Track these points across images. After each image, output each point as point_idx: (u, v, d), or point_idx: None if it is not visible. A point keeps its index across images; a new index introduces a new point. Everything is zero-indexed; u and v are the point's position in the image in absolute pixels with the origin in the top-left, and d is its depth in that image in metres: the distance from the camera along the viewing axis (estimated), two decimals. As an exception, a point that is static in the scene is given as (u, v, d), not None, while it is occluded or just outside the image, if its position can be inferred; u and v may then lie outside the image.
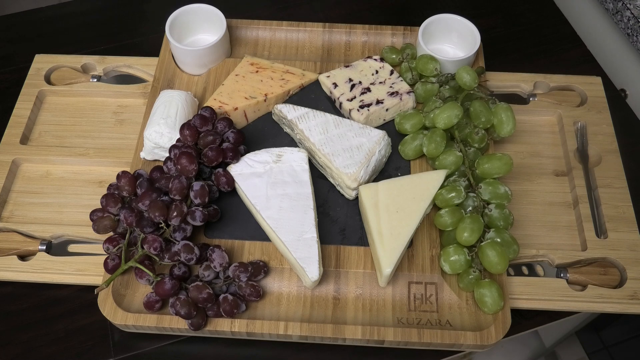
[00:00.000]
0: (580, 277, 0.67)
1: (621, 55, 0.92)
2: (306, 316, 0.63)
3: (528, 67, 0.84)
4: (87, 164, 0.75)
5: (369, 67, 0.77)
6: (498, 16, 0.94)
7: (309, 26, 0.84)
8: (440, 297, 0.64)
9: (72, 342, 0.65)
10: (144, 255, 0.62)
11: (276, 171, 0.67)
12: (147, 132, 0.69)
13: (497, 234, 0.64)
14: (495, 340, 0.60)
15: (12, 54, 0.88)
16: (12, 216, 0.71)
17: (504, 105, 0.69)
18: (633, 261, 0.67)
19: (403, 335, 0.60)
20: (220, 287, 0.62)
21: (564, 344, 1.36)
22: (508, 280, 0.65)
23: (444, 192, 0.65)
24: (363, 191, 0.65)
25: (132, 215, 0.62)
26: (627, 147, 0.77)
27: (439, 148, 0.68)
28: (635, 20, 0.83)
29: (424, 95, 0.76)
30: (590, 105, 0.79)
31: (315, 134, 0.70)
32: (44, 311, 0.67)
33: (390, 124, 0.76)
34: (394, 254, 0.61)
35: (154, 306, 0.61)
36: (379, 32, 0.84)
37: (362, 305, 0.64)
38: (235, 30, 0.84)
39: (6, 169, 0.73)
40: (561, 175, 0.75)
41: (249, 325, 0.61)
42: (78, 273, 0.66)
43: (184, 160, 0.63)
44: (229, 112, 0.73)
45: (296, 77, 0.78)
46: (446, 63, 0.76)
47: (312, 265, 0.61)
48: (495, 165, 0.66)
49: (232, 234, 0.67)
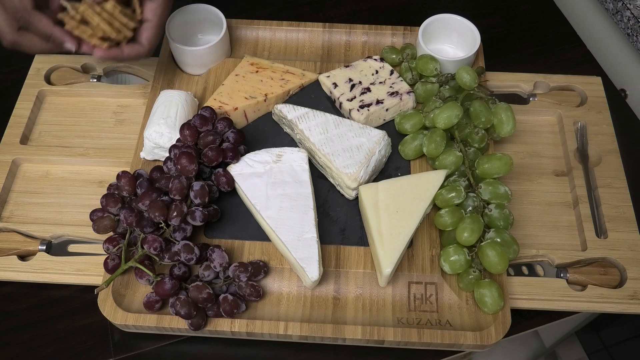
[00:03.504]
0: (580, 277, 0.67)
1: (621, 55, 0.92)
2: (306, 316, 0.63)
3: (528, 67, 0.84)
4: (87, 164, 0.75)
5: (369, 67, 0.77)
6: (498, 16, 0.94)
7: (309, 26, 0.84)
8: (440, 297, 0.64)
9: (72, 342, 0.65)
10: (144, 255, 0.62)
11: (276, 171, 0.67)
12: (147, 132, 0.69)
13: (497, 234, 0.64)
14: (495, 340, 0.60)
15: (12, 54, 0.87)
16: (12, 216, 0.71)
17: (504, 105, 0.69)
18: (633, 261, 0.67)
19: (403, 335, 0.61)
20: (220, 287, 0.62)
21: (564, 344, 1.36)
22: (508, 280, 0.65)
23: (444, 192, 0.65)
24: (363, 191, 0.65)
25: (132, 215, 0.62)
26: (627, 147, 0.77)
27: (439, 148, 0.68)
28: (635, 20, 0.83)
29: (424, 95, 0.76)
30: (590, 105, 0.79)
31: (315, 134, 0.70)
32: (44, 311, 0.67)
33: (390, 124, 0.76)
34: (394, 254, 0.61)
35: (154, 306, 0.61)
36: (379, 32, 0.84)
37: (362, 305, 0.64)
38: (235, 30, 0.84)
39: (6, 169, 0.73)
40: (561, 175, 0.75)
41: (249, 325, 0.61)
42: (78, 273, 0.66)
43: (184, 160, 0.63)
44: (229, 112, 0.73)
45: (296, 77, 0.78)
46: (446, 63, 0.76)
47: (312, 265, 0.61)
48: (495, 165, 0.66)
49: (232, 234, 0.67)
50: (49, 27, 0.59)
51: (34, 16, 0.58)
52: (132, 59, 0.65)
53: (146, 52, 0.66)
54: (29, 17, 0.58)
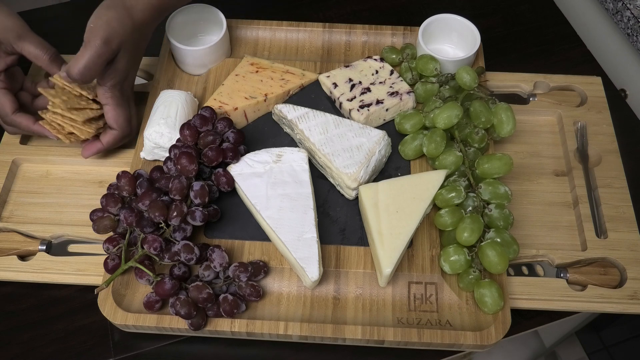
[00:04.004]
0: (580, 277, 0.67)
1: (621, 55, 0.92)
2: (306, 316, 0.63)
3: (528, 67, 0.84)
4: (87, 164, 0.75)
5: (369, 67, 0.77)
6: (498, 16, 0.94)
7: (309, 26, 0.84)
8: (440, 297, 0.64)
9: (72, 342, 0.65)
10: (144, 255, 0.62)
11: (276, 171, 0.67)
12: (147, 132, 0.69)
13: (497, 234, 0.64)
14: (495, 340, 0.60)
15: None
16: (12, 216, 0.71)
17: (504, 105, 0.70)
18: (633, 261, 0.67)
19: (403, 335, 0.61)
20: (220, 287, 0.62)
21: (564, 344, 1.36)
22: (508, 280, 0.65)
23: (444, 192, 0.65)
24: (363, 191, 0.65)
25: (132, 215, 0.62)
26: (627, 147, 0.77)
27: (439, 148, 0.68)
28: (635, 20, 0.83)
29: (424, 95, 0.76)
30: (590, 105, 0.79)
31: (315, 134, 0.70)
32: (44, 311, 0.67)
33: (390, 124, 0.76)
34: (394, 254, 0.61)
35: (154, 306, 0.61)
36: (379, 32, 0.84)
37: (362, 305, 0.64)
38: (235, 30, 0.84)
39: (6, 169, 0.73)
40: (561, 175, 0.75)
41: (249, 325, 0.61)
42: (78, 273, 0.66)
43: (184, 160, 0.63)
44: (229, 112, 0.73)
45: (296, 77, 0.78)
46: (446, 63, 0.76)
47: (312, 265, 0.61)
48: (495, 165, 0.66)
49: (232, 234, 0.67)
50: (29, 126, 0.69)
51: (15, 119, 0.69)
52: (112, 144, 0.71)
53: (120, 133, 0.71)
54: (11, 121, 0.69)
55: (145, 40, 0.70)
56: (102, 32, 0.62)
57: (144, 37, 0.69)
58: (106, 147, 0.71)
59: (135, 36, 0.66)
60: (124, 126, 0.70)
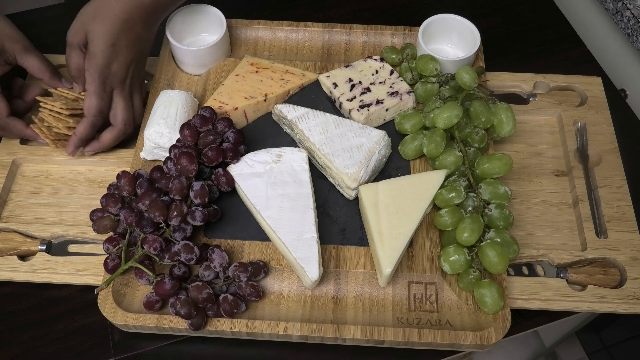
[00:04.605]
0: (580, 277, 0.67)
1: (621, 55, 0.92)
2: (306, 316, 0.63)
3: (528, 67, 0.84)
4: (87, 164, 0.75)
5: (369, 67, 0.77)
6: (498, 16, 0.94)
7: (309, 26, 0.84)
8: (440, 297, 0.64)
9: (72, 342, 0.65)
10: (144, 255, 0.62)
11: (276, 171, 0.67)
12: (147, 132, 0.69)
13: (497, 234, 0.64)
14: (495, 340, 0.60)
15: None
16: (12, 216, 0.71)
17: (504, 105, 0.70)
18: (633, 261, 0.67)
19: (403, 335, 0.61)
20: (220, 287, 0.62)
21: (564, 344, 1.36)
22: (508, 280, 0.65)
23: (444, 192, 0.65)
24: (363, 191, 0.65)
25: (132, 215, 0.62)
26: (627, 147, 0.77)
27: (439, 148, 0.68)
28: (635, 20, 0.83)
29: (424, 95, 0.76)
30: (590, 105, 0.79)
31: (315, 134, 0.70)
32: (44, 311, 0.67)
33: (390, 124, 0.76)
34: (394, 254, 0.61)
35: (154, 306, 0.61)
36: (379, 32, 0.84)
37: (362, 305, 0.64)
38: (235, 30, 0.84)
39: (6, 169, 0.73)
40: (561, 175, 0.75)
41: (249, 325, 0.61)
42: (78, 273, 0.66)
43: (184, 160, 0.63)
44: (229, 112, 0.73)
45: (296, 77, 0.78)
46: (446, 63, 0.76)
47: (312, 265, 0.61)
48: (495, 165, 0.66)
49: (232, 234, 0.67)
50: (22, 130, 0.71)
51: (8, 122, 0.70)
52: (112, 142, 0.72)
53: (121, 129, 0.72)
54: (4, 124, 0.70)
55: (140, 38, 0.69)
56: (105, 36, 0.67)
57: (137, 35, 0.69)
58: (108, 144, 0.72)
59: (125, 33, 0.67)
60: (128, 122, 0.72)
